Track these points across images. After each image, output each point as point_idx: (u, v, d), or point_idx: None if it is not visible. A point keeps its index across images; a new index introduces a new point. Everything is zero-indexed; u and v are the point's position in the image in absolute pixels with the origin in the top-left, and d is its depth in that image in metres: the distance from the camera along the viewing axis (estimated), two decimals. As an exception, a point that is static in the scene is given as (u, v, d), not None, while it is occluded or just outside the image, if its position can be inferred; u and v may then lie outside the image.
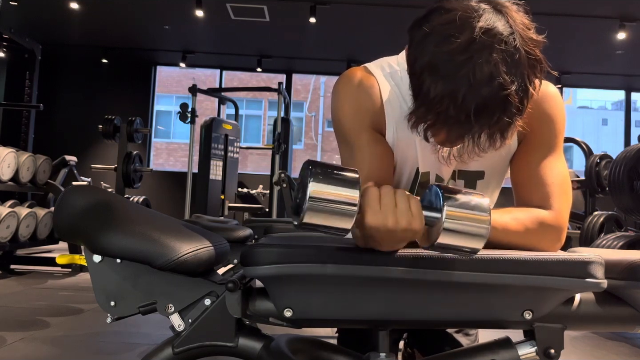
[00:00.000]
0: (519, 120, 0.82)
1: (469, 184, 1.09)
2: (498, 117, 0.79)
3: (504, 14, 0.80)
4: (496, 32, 0.78)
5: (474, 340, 1.25)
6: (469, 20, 0.78)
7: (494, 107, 0.78)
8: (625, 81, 9.28)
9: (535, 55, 0.80)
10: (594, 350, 2.80)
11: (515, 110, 0.79)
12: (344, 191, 0.72)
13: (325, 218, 0.72)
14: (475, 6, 0.80)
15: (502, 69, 0.77)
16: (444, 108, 0.78)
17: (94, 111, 8.53)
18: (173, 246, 0.85)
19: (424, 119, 0.82)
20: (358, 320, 0.88)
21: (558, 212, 0.93)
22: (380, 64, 1.06)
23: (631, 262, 0.86)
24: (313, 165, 0.74)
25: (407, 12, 0.88)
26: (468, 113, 0.77)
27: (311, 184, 0.72)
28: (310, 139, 16.55)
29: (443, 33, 0.79)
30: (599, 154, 4.94)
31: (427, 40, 0.80)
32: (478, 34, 0.77)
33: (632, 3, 6.14)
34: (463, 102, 0.77)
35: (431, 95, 0.79)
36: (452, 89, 0.77)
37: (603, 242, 3.43)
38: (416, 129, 0.85)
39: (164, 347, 0.87)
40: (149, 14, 7.29)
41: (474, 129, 0.80)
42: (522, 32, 0.80)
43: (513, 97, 0.78)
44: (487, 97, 0.77)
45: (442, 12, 0.81)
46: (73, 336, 2.66)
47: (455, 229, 0.73)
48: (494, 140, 0.82)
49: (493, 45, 0.77)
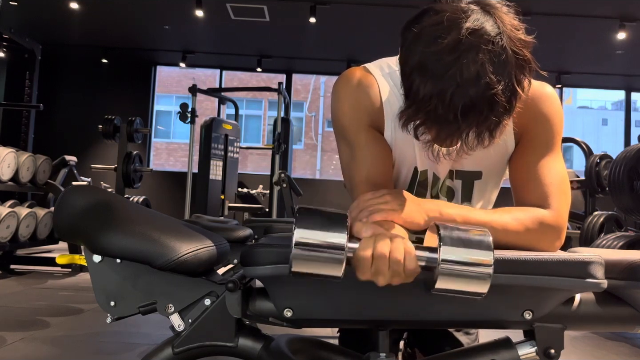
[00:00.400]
0: (508, 119, 0.83)
1: (466, 184, 1.10)
2: (485, 116, 0.80)
3: (492, 14, 0.82)
4: (483, 33, 0.79)
5: (475, 339, 1.25)
6: (457, 21, 0.80)
7: (481, 106, 0.79)
8: (625, 81, 9.28)
9: (523, 55, 0.81)
10: (594, 350, 2.80)
11: (502, 109, 0.80)
12: (330, 235, 0.70)
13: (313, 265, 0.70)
14: (464, 7, 0.82)
15: (488, 68, 0.78)
16: (432, 107, 0.79)
17: (94, 111, 8.53)
18: (173, 246, 0.85)
19: (414, 117, 0.84)
20: (358, 320, 0.88)
21: (557, 212, 0.93)
22: (379, 64, 1.06)
23: (631, 262, 0.86)
24: (300, 212, 0.73)
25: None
26: (456, 112, 0.78)
27: (296, 231, 0.70)
28: (310, 139, 16.55)
29: (432, 34, 0.80)
30: (599, 154, 4.94)
31: (417, 41, 0.81)
32: (464, 34, 0.78)
33: (632, 3, 6.14)
34: (451, 101, 0.78)
35: (420, 95, 0.80)
36: (440, 89, 0.78)
37: (603, 242, 3.43)
38: (407, 127, 0.86)
39: (164, 347, 0.87)
40: (149, 14, 7.29)
41: (461, 128, 0.81)
42: (510, 32, 0.81)
43: (500, 97, 0.79)
44: (474, 96, 0.78)
45: (432, 13, 0.83)
46: (73, 336, 2.66)
47: (453, 272, 0.70)
48: (482, 138, 0.84)
49: (480, 45, 0.78)
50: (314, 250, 0.70)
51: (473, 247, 0.71)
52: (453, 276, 0.70)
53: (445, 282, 0.71)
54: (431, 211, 0.87)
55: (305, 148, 16.33)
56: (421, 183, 1.09)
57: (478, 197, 1.12)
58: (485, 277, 0.70)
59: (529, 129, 0.99)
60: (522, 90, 0.82)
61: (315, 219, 0.72)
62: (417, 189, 1.09)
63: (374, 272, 0.73)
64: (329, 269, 0.71)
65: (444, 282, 0.71)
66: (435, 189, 1.09)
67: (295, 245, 0.70)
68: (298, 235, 0.70)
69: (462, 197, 1.10)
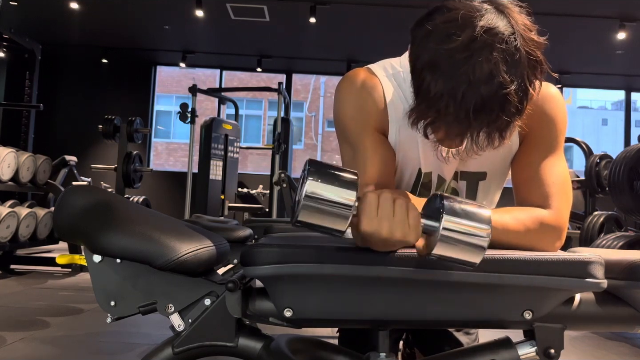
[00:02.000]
0: (518, 120, 0.82)
1: (470, 185, 1.09)
2: (497, 116, 0.79)
3: (506, 14, 0.81)
4: (497, 32, 0.78)
5: (475, 339, 1.25)
6: (470, 19, 0.79)
7: (493, 106, 0.78)
8: (625, 81, 9.28)
9: (535, 56, 0.81)
10: (594, 350, 2.80)
11: (514, 109, 0.79)
12: (341, 192, 0.72)
13: (320, 217, 0.72)
14: (477, 6, 0.81)
15: (502, 68, 0.77)
16: (443, 105, 0.78)
17: (94, 111, 8.53)
18: (173, 246, 0.85)
19: (424, 116, 0.83)
20: (358, 320, 0.88)
21: (558, 212, 0.93)
22: (383, 65, 1.06)
23: (631, 262, 0.86)
24: (312, 164, 0.74)
25: (407, 12, 0.88)
26: (467, 111, 0.77)
27: (308, 182, 0.72)
28: (310, 139, 16.55)
29: (444, 31, 0.79)
30: (599, 154, 4.94)
31: (429, 39, 0.80)
32: (479, 32, 0.77)
33: (632, 3, 6.14)
34: (462, 100, 0.77)
35: (431, 93, 0.79)
36: (452, 87, 0.77)
37: (603, 242, 3.43)
38: (416, 126, 0.85)
39: (164, 347, 0.87)
40: (149, 14, 7.29)
41: (472, 127, 0.80)
42: (523, 32, 0.80)
43: (512, 97, 0.78)
44: (486, 95, 0.77)
45: (445, 11, 0.82)
46: (73, 336, 2.66)
47: (452, 240, 0.72)
48: (492, 139, 0.83)
49: (494, 44, 0.77)
50: (323, 204, 0.72)
51: (472, 220, 0.73)
52: (451, 243, 0.72)
53: (443, 249, 0.73)
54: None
55: (305, 148, 16.32)
56: (425, 185, 1.08)
57: (482, 198, 1.12)
58: (481, 247, 0.72)
59: (533, 129, 0.98)
60: (533, 91, 0.81)
61: (327, 173, 0.73)
62: (420, 190, 1.09)
63: (379, 218, 0.74)
64: (334, 222, 0.73)
65: (442, 248, 0.72)
66: (440, 190, 1.09)
67: (306, 196, 0.71)
68: (309, 187, 0.71)
69: (466, 198, 1.10)
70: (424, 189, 1.08)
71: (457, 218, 0.72)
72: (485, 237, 0.72)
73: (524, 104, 0.80)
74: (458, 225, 0.72)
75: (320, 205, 0.72)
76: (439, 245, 0.72)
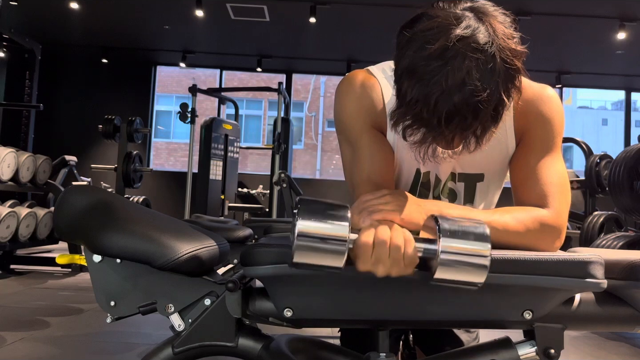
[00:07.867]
0: (495, 126, 0.84)
1: (468, 186, 1.10)
2: (470, 123, 0.81)
3: (484, 22, 0.82)
4: (472, 41, 0.80)
5: (475, 337, 1.25)
6: (447, 27, 0.80)
7: (465, 113, 0.79)
8: (625, 81, 9.27)
9: (513, 64, 0.82)
10: (594, 350, 2.81)
11: (487, 117, 0.81)
12: (333, 227, 0.71)
13: (316, 256, 0.71)
14: (458, 13, 0.83)
15: (475, 75, 0.78)
16: (418, 111, 0.81)
17: (94, 111, 8.53)
18: (173, 246, 0.85)
19: (403, 119, 0.85)
20: (358, 320, 0.88)
21: (557, 212, 0.94)
22: (382, 67, 1.08)
23: (631, 262, 0.87)
24: (302, 202, 0.73)
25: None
26: (440, 117, 0.80)
27: (299, 222, 0.71)
28: (310, 139, 16.55)
29: (422, 39, 0.81)
30: (599, 154, 4.94)
31: (408, 45, 0.83)
32: (452, 41, 0.79)
33: (632, 3, 6.14)
34: (435, 106, 0.79)
35: (408, 98, 0.82)
36: (426, 93, 0.80)
37: (603, 242, 3.43)
38: (396, 128, 0.87)
39: (164, 347, 0.87)
40: (149, 14, 7.29)
41: (445, 133, 0.82)
42: (501, 41, 0.81)
43: (485, 104, 0.79)
44: (458, 102, 0.79)
45: (425, 18, 0.84)
46: (73, 336, 2.66)
47: (453, 263, 0.71)
48: (467, 144, 0.85)
49: (467, 53, 0.79)
50: (316, 242, 0.70)
51: (470, 239, 0.72)
52: (452, 266, 0.71)
53: (445, 272, 0.72)
54: (432, 212, 0.87)
55: (305, 148, 16.33)
56: (424, 184, 1.09)
57: (480, 199, 1.12)
58: (483, 267, 0.72)
59: (529, 130, 1.00)
60: (508, 99, 0.82)
61: (317, 210, 0.72)
62: (419, 190, 1.10)
63: (374, 261, 0.74)
64: (331, 259, 0.71)
65: (443, 272, 0.72)
66: (437, 190, 1.10)
67: (298, 236, 0.70)
68: (300, 227, 0.70)
69: (464, 199, 1.11)
70: (423, 188, 1.10)
71: (455, 239, 0.72)
72: (487, 255, 0.72)
73: (498, 111, 0.82)
74: (457, 247, 0.71)
75: (314, 244, 0.71)
76: (440, 269, 0.72)
